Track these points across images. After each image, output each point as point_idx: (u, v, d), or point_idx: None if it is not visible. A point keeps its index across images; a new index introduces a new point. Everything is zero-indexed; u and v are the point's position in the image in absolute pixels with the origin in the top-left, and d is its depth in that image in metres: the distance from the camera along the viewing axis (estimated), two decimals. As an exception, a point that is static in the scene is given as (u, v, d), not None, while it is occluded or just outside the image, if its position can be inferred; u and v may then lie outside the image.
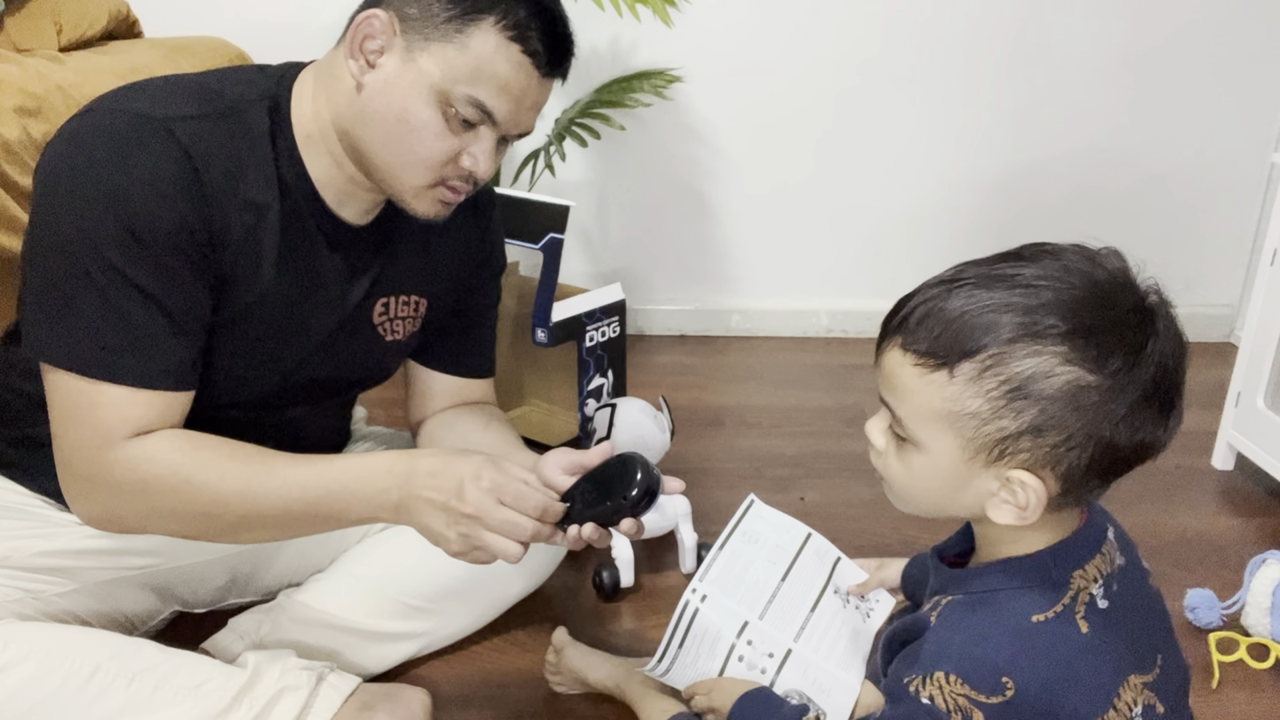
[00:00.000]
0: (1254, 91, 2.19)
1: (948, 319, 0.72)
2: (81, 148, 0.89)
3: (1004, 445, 0.71)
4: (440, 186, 0.99)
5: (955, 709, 0.71)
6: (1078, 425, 0.69)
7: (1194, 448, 1.81)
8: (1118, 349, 0.69)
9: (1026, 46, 2.17)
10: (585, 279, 2.34)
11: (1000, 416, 0.71)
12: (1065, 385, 0.69)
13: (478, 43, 0.92)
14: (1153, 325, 0.71)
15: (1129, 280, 0.72)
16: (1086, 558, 0.76)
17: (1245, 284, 2.32)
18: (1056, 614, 0.74)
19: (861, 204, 2.29)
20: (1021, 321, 0.69)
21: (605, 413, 1.42)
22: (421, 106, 0.93)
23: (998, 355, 0.70)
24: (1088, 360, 0.68)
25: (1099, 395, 0.69)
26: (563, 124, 2.01)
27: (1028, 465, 0.72)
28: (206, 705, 0.94)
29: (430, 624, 1.18)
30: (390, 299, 1.11)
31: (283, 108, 0.98)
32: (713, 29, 2.14)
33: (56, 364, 0.90)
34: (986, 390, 0.70)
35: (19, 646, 0.90)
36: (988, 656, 0.72)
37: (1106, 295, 0.70)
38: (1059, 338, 0.68)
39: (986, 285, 0.72)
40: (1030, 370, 0.69)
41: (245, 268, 0.97)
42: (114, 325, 0.89)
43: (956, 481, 0.75)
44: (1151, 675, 0.77)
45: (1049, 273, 0.71)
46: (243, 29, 1.98)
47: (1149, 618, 0.81)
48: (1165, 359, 0.71)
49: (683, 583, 1.40)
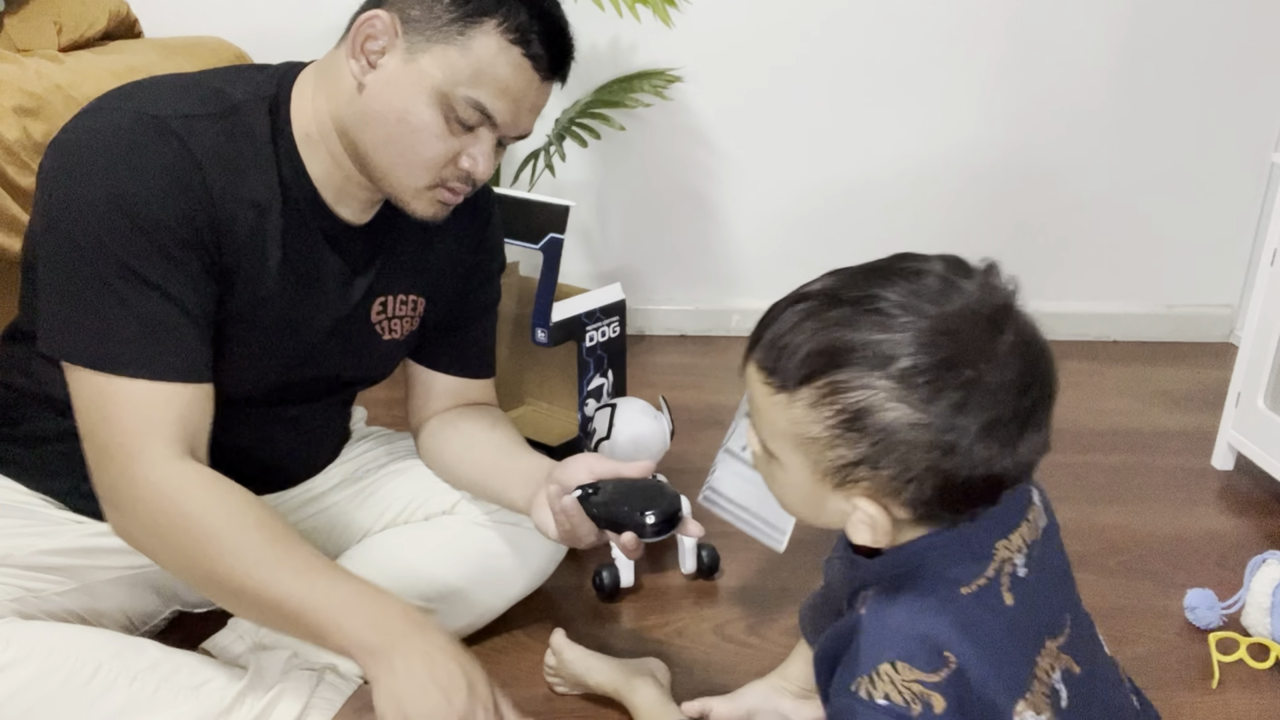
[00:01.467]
0: (1254, 91, 2.19)
1: (792, 342, 0.71)
2: (85, 148, 0.89)
3: (845, 473, 0.71)
4: (439, 188, 0.99)
5: (913, 698, 0.69)
6: (912, 460, 0.68)
7: (1194, 448, 1.82)
8: (949, 387, 0.66)
9: (1027, 47, 2.17)
10: (585, 279, 2.35)
11: (837, 445, 0.70)
12: (894, 421, 0.67)
13: (480, 45, 0.92)
14: (1001, 357, 0.68)
15: (984, 310, 0.69)
16: (1011, 528, 0.75)
17: (1245, 284, 2.32)
18: (982, 587, 0.73)
19: (861, 204, 2.29)
20: (860, 353, 0.68)
21: (605, 413, 1.42)
22: (422, 107, 0.93)
23: (834, 384, 0.69)
24: (917, 399, 0.66)
25: (930, 433, 0.67)
26: (563, 124, 2.01)
27: (869, 494, 0.71)
28: (207, 705, 0.94)
29: (430, 624, 1.18)
30: (388, 298, 1.12)
31: (282, 107, 0.99)
32: (713, 29, 2.14)
33: (75, 361, 0.90)
34: (825, 418, 0.70)
35: (21, 645, 0.90)
36: (924, 633, 0.71)
37: (952, 329, 0.67)
38: (894, 375, 0.67)
39: (835, 307, 0.70)
40: (863, 403, 0.68)
41: (249, 265, 0.97)
42: (126, 320, 0.89)
43: (814, 499, 0.75)
44: (1063, 636, 0.76)
45: (900, 298, 0.68)
46: (242, 29, 1.98)
47: (1058, 577, 0.80)
48: (1015, 390, 0.68)
49: (683, 583, 1.40)
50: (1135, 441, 1.86)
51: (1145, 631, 1.31)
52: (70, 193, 0.88)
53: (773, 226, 2.32)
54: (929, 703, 0.69)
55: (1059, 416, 0.73)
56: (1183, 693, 1.20)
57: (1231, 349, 2.27)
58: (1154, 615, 1.34)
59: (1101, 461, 1.78)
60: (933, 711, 0.69)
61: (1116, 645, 1.28)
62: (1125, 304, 2.37)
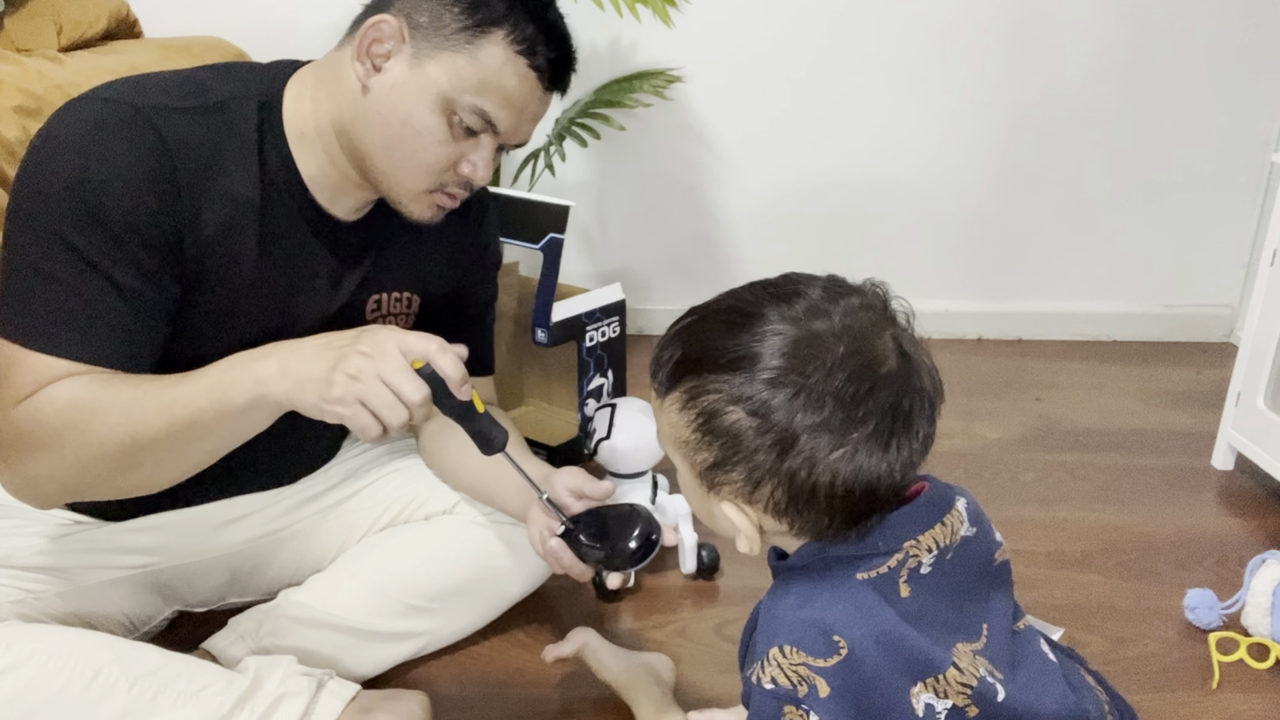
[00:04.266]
0: (1254, 91, 2.18)
1: (666, 352, 0.77)
2: (57, 131, 0.88)
3: (710, 476, 0.75)
4: (438, 192, 1.00)
5: (799, 681, 0.71)
6: (756, 461, 0.71)
7: (1194, 448, 1.82)
8: (786, 388, 0.69)
9: (1026, 46, 2.16)
10: (585, 279, 2.35)
11: (700, 448, 0.74)
12: (736, 423, 0.71)
13: (487, 55, 0.93)
14: (843, 365, 0.70)
15: (843, 324, 0.71)
16: (923, 528, 0.75)
17: (1245, 284, 2.31)
18: (880, 574, 0.73)
19: (861, 204, 2.29)
20: (716, 360, 0.72)
21: (605, 413, 1.42)
22: (426, 113, 0.94)
23: (692, 388, 0.74)
24: (758, 402, 0.70)
25: (769, 436, 0.70)
26: (563, 124, 2.01)
27: (732, 498, 0.75)
28: (207, 710, 0.94)
29: (431, 624, 1.18)
30: (382, 295, 1.12)
31: (274, 105, 0.98)
32: (712, 29, 2.14)
33: (3, 334, 0.88)
34: (689, 420, 0.74)
35: (21, 648, 0.90)
36: (815, 616, 0.72)
37: (804, 339, 0.71)
38: (741, 379, 0.71)
39: (706, 319, 0.76)
40: (711, 405, 0.72)
41: (220, 261, 0.96)
42: (64, 300, 0.87)
43: (704, 505, 0.79)
44: (979, 643, 0.77)
45: (766, 312, 0.73)
46: (243, 28, 1.98)
47: (980, 588, 0.80)
48: (850, 399, 0.69)
49: (683, 583, 1.41)
50: (1135, 441, 1.86)
51: (1145, 631, 1.31)
52: (35, 172, 0.88)
53: (773, 227, 2.32)
54: (814, 685, 0.71)
55: (1059, 416, 0.73)
56: (1183, 693, 1.20)
57: (1231, 349, 2.27)
58: (1154, 615, 1.34)
59: (1101, 461, 1.78)
60: (817, 694, 0.70)
61: (1116, 645, 1.28)
62: (1125, 304, 2.37)
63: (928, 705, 0.72)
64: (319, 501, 1.23)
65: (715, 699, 1.15)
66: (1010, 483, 1.71)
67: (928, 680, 0.72)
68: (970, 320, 2.38)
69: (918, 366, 0.73)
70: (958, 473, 1.73)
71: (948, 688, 0.73)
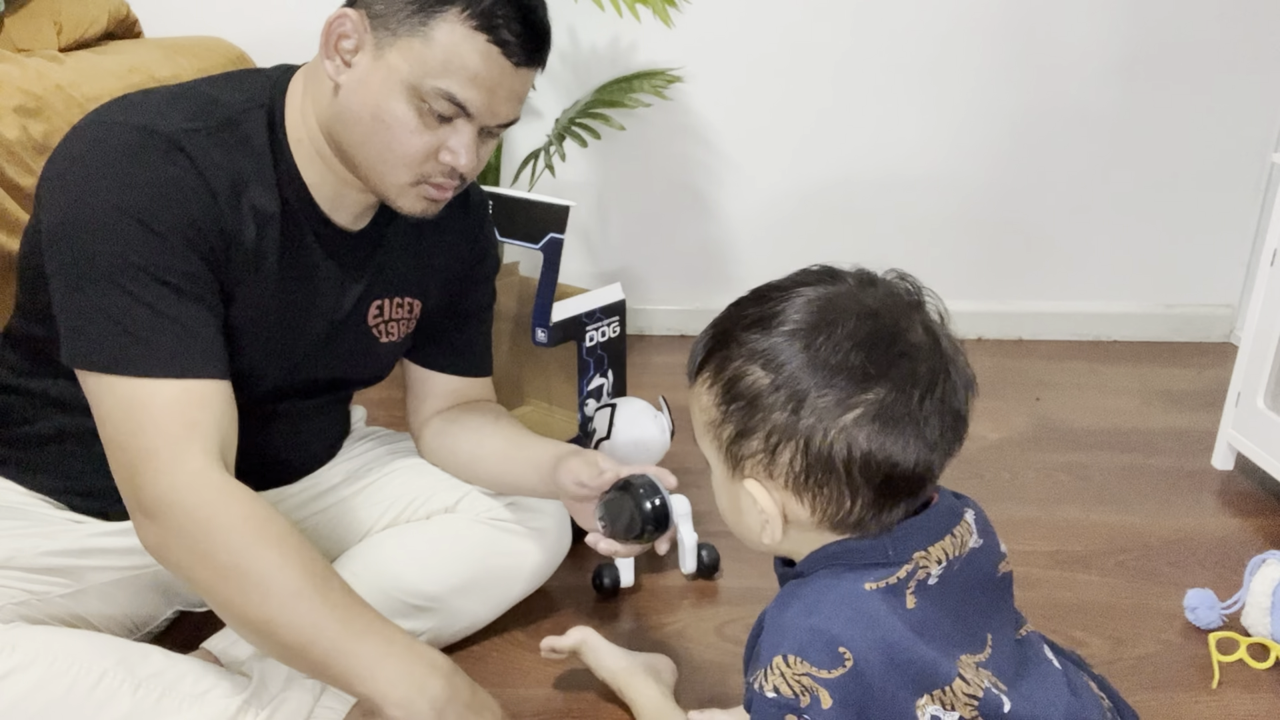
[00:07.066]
0: (1254, 92, 2.19)
1: (702, 336, 0.78)
2: (91, 160, 0.88)
3: (734, 450, 0.75)
4: (424, 184, 0.98)
5: (802, 691, 0.70)
6: (775, 422, 0.71)
7: (1194, 448, 1.82)
8: (802, 348, 0.70)
9: (1027, 47, 2.16)
10: (585, 279, 2.34)
11: (726, 422, 0.74)
12: (754, 384, 0.72)
13: (443, 34, 0.91)
14: (899, 361, 0.70)
15: (864, 303, 0.72)
16: (933, 539, 0.75)
17: (1245, 284, 2.32)
18: (889, 585, 0.73)
19: (861, 204, 2.29)
20: (740, 334, 0.73)
21: (605, 413, 1.42)
22: (394, 103, 0.93)
23: (718, 362, 0.75)
24: (775, 363, 0.71)
25: (782, 393, 0.70)
26: (563, 124, 2.01)
27: (754, 474, 0.75)
28: (212, 713, 0.94)
29: (432, 623, 1.18)
30: (384, 301, 1.12)
31: (278, 114, 0.99)
32: (712, 29, 2.14)
33: (103, 368, 0.88)
34: (715, 395, 0.75)
35: (25, 651, 0.90)
36: (821, 626, 0.71)
37: (823, 309, 0.71)
38: (760, 346, 0.72)
39: (742, 301, 0.77)
40: (734, 372, 0.73)
41: (251, 276, 0.97)
42: (150, 322, 0.88)
43: (733, 500, 0.78)
44: (984, 654, 0.77)
45: (793, 292, 0.73)
46: (243, 29, 1.98)
47: (984, 600, 0.80)
48: (910, 391, 0.70)
49: (683, 583, 1.41)
50: (1135, 441, 1.86)
51: (1145, 631, 1.31)
52: (79, 204, 0.87)
53: (773, 226, 2.32)
54: (817, 696, 0.70)
55: (1059, 416, 0.73)
56: (1183, 693, 1.20)
57: (1231, 349, 2.27)
58: (1154, 615, 1.34)
59: (1101, 461, 1.78)
60: (820, 705, 0.69)
61: (1116, 645, 1.28)
62: (1125, 304, 2.37)
63: (934, 717, 0.72)
64: (321, 500, 1.23)
65: (715, 699, 1.15)
66: (1010, 483, 1.72)
67: (934, 692, 0.72)
68: (970, 320, 2.38)
69: (945, 348, 0.73)
70: (958, 473, 1.73)
71: (954, 699, 0.72)
